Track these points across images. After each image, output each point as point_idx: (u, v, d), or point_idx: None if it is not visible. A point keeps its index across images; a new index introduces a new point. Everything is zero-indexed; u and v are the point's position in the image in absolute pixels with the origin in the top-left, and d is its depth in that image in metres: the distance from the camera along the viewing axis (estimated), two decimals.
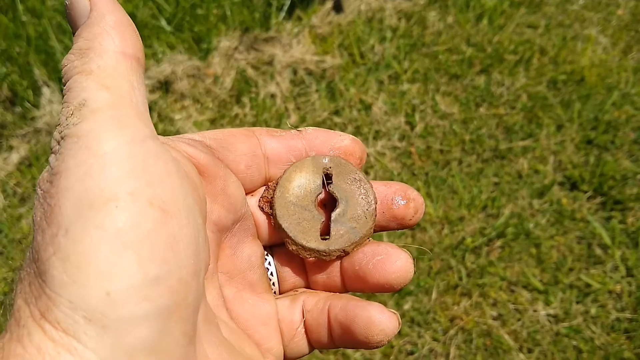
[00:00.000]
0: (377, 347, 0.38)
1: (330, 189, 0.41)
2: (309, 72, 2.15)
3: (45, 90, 2.00)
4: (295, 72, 2.15)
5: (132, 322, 0.26)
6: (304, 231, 0.40)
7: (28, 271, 0.27)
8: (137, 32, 0.32)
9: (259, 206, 0.41)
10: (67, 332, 0.25)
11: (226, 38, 2.22)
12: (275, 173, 0.41)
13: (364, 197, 0.41)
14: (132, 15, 2.21)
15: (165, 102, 2.03)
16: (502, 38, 2.31)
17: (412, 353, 1.47)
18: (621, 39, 2.35)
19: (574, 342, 1.47)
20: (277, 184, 0.41)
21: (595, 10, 2.50)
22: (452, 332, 1.50)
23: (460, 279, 1.60)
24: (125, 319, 0.25)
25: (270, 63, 2.16)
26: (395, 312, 0.38)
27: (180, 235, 0.28)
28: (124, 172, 0.27)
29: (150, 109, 2.00)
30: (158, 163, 0.29)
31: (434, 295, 1.56)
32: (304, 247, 0.40)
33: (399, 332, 1.50)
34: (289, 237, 0.40)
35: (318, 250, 0.40)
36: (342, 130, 2.00)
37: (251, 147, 0.39)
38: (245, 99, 2.06)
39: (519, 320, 1.52)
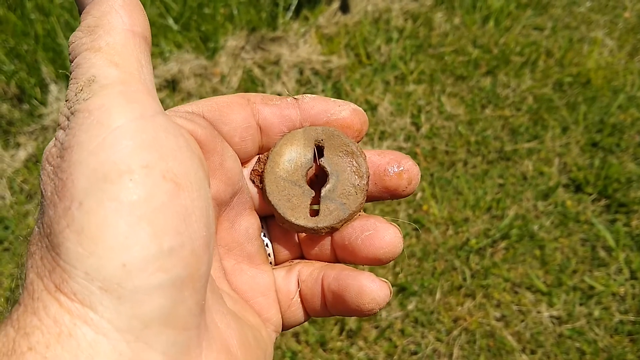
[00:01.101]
0: (368, 315, 0.38)
1: (321, 162, 0.40)
2: (315, 72, 2.15)
3: (53, 88, 2.02)
4: (301, 72, 2.16)
5: (148, 292, 0.26)
6: (293, 207, 0.40)
7: (39, 245, 0.27)
8: (145, 12, 0.32)
9: (250, 179, 0.41)
10: (83, 304, 0.25)
11: (233, 37, 2.22)
12: (268, 142, 0.40)
13: (355, 171, 0.40)
14: None
15: (172, 101, 2.04)
16: (508, 40, 2.31)
17: (415, 353, 1.48)
18: (627, 41, 2.34)
19: (577, 344, 1.47)
20: (267, 157, 0.40)
21: (601, 13, 2.50)
22: (455, 332, 1.50)
23: (464, 279, 1.60)
24: (140, 289, 0.26)
25: (276, 63, 2.17)
26: (387, 280, 0.38)
27: (192, 208, 0.28)
28: (136, 146, 0.27)
29: None
30: (169, 137, 0.29)
31: (437, 296, 1.57)
32: (292, 224, 0.40)
33: (403, 332, 1.50)
34: (278, 214, 0.40)
35: (306, 228, 0.40)
36: None
37: (246, 117, 0.38)
38: None
39: (522, 321, 1.52)
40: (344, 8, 2.40)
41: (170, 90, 2.07)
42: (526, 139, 1.96)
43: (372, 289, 0.37)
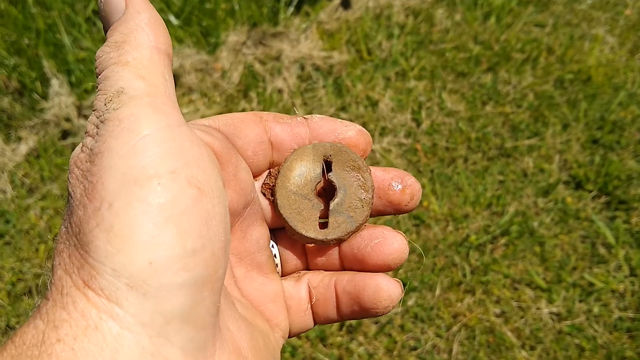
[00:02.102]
0: (383, 314, 0.41)
1: (330, 177, 0.42)
2: (317, 68, 2.15)
3: (54, 82, 2.02)
4: (302, 68, 2.15)
5: (171, 290, 0.27)
6: (303, 220, 0.42)
7: (67, 244, 0.29)
8: (167, 30, 0.34)
9: (262, 192, 0.43)
10: (110, 299, 0.27)
11: (234, 33, 2.22)
12: (278, 158, 0.42)
13: (361, 185, 0.42)
14: None
15: None
16: (509, 36, 2.31)
17: (415, 349, 1.48)
18: (628, 39, 2.34)
19: (577, 341, 1.48)
20: (278, 172, 0.42)
21: (603, 10, 2.49)
22: (455, 328, 1.51)
23: (464, 276, 1.61)
24: (165, 287, 0.27)
25: (277, 58, 2.17)
26: (399, 280, 0.41)
27: (213, 213, 0.30)
28: (164, 153, 0.29)
29: None
30: (193, 147, 0.31)
31: (437, 292, 1.57)
32: (302, 236, 0.42)
33: (402, 328, 1.51)
34: (289, 226, 0.42)
35: (316, 239, 0.42)
36: None
37: (259, 133, 0.41)
38: (253, 94, 2.07)
39: (522, 317, 1.53)
40: (345, 4, 2.39)
41: None
42: (527, 135, 1.96)
43: (388, 286, 0.40)
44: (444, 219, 1.73)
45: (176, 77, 2.08)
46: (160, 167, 0.29)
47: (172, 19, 2.25)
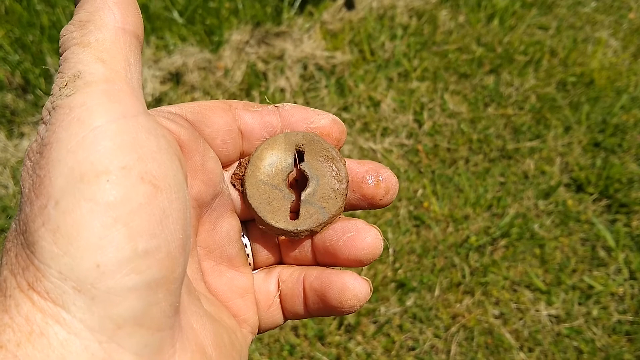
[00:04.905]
0: (349, 313, 0.39)
1: (302, 167, 0.41)
2: (319, 68, 2.16)
3: None
4: (305, 67, 2.16)
5: (121, 294, 0.26)
6: (273, 211, 0.40)
7: (15, 242, 0.27)
8: (139, 10, 0.32)
9: (231, 183, 0.41)
10: (56, 303, 0.25)
11: (237, 31, 2.23)
12: (248, 148, 0.41)
13: (335, 175, 0.40)
14: (145, 7, 2.22)
15: (175, 94, 2.05)
16: (512, 39, 2.31)
17: (413, 349, 1.48)
18: (632, 42, 2.34)
19: (575, 343, 1.48)
20: (248, 161, 0.41)
21: (606, 13, 2.49)
22: (453, 329, 1.51)
23: (464, 277, 1.61)
24: (114, 290, 0.26)
25: (280, 57, 2.17)
26: (368, 279, 0.39)
27: (170, 210, 0.28)
28: (115, 147, 0.27)
29: (160, 100, 2.02)
30: (150, 139, 0.29)
31: (436, 292, 1.57)
32: (272, 227, 0.40)
33: (401, 328, 1.51)
34: (258, 217, 0.40)
35: (286, 231, 0.40)
36: (350, 127, 2.02)
37: (228, 121, 0.39)
38: (255, 93, 2.08)
39: (520, 319, 1.53)
40: (349, 4, 2.40)
41: (174, 83, 2.08)
42: (528, 137, 1.96)
43: (354, 285, 0.38)
44: (444, 219, 1.73)
45: (179, 75, 2.09)
46: (110, 163, 0.27)
47: (177, 16, 2.25)
